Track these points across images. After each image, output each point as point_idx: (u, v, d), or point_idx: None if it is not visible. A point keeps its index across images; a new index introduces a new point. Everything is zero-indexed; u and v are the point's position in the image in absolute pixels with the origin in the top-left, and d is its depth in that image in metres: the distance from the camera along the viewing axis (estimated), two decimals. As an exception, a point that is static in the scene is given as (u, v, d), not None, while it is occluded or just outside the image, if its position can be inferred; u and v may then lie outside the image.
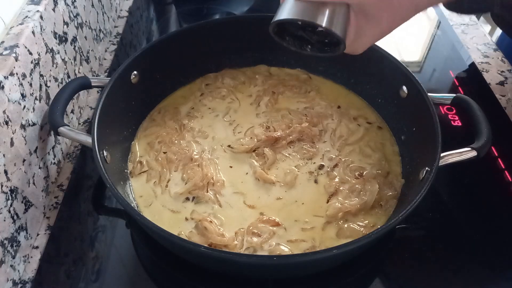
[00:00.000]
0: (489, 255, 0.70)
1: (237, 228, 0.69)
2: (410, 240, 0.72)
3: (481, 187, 0.79)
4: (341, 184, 0.75)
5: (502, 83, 0.98)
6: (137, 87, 0.82)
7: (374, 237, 0.57)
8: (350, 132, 0.84)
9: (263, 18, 0.93)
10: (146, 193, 0.75)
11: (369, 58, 0.84)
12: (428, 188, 0.60)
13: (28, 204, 0.68)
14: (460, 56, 1.06)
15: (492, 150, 0.83)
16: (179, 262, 0.67)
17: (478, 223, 0.74)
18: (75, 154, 0.84)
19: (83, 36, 0.94)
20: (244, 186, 0.76)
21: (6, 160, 0.62)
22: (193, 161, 0.78)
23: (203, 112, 0.89)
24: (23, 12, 0.74)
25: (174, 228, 0.69)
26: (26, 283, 0.66)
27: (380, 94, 0.87)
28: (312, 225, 0.70)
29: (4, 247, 0.62)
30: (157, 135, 0.84)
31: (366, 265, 0.69)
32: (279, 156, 0.80)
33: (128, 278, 0.68)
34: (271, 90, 0.93)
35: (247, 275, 0.68)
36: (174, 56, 0.88)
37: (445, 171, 0.65)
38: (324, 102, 0.90)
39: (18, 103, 0.66)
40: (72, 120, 0.86)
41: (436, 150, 0.64)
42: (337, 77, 0.94)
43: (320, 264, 0.64)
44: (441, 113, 0.91)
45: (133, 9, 1.23)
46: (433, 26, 1.18)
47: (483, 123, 0.69)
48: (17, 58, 0.67)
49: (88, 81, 0.78)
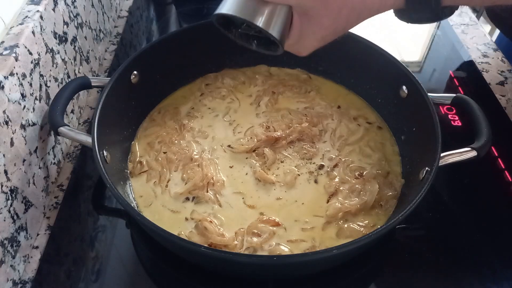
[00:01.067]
0: (489, 255, 0.69)
1: (237, 228, 0.69)
2: (410, 240, 0.71)
3: (481, 187, 0.79)
4: (341, 184, 0.75)
5: (502, 83, 0.98)
6: (137, 87, 0.82)
7: (374, 237, 0.57)
8: (350, 132, 0.84)
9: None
10: (146, 193, 0.75)
11: (369, 58, 0.84)
12: (428, 188, 0.60)
13: (28, 204, 0.68)
14: (460, 56, 1.06)
15: (492, 150, 0.83)
16: (179, 262, 0.67)
17: (478, 223, 0.74)
18: (75, 154, 0.84)
19: (83, 36, 0.94)
20: (244, 186, 0.76)
21: (6, 160, 0.62)
22: (193, 161, 0.78)
23: (203, 112, 0.89)
24: (23, 12, 0.74)
25: (174, 228, 0.69)
26: (26, 283, 0.66)
27: (380, 94, 0.87)
28: (312, 225, 0.70)
29: (4, 247, 0.62)
30: (157, 135, 0.84)
31: (366, 265, 0.69)
32: (279, 156, 0.80)
33: (128, 278, 0.68)
34: (271, 90, 0.93)
35: (247, 275, 0.68)
36: (174, 56, 0.87)
37: (445, 171, 0.65)
38: (324, 102, 0.90)
39: (18, 103, 0.66)
40: (72, 120, 0.86)
41: (436, 150, 0.64)
42: (337, 77, 0.94)
43: (320, 264, 0.64)
44: (441, 113, 0.91)
45: (133, 9, 1.23)
46: (433, 26, 1.18)
47: (483, 123, 0.69)
48: (17, 58, 0.67)
49: (88, 81, 0.78)
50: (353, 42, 0.85)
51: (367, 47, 0.83)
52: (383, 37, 1.12)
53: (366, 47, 0.84)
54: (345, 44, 0.86)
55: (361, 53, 0.85)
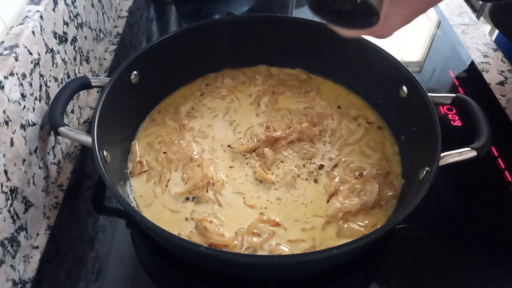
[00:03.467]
0: (489, 255, 0.70)
1: (237, 228, 0.69)
2: (410, 240, 0.71)
3: (481, 187, 0.79)
4: (341, 184, 0.75)
5: (502, 83, 0.98)
6: (137, 87, 0.82)
7: (374, 237, 0.57)
8: (350, 132, 0.84)
9: (263, 18, 0.94)
10: (146, 193, 0.75)
11: (369, 58, 0.84)
12: (428, 188, 0.60)
13: (28, 204, 0.68)
14: (460, 56, 1.06)
15: (492, 150, 0.83)
16: (179, 262, 0.67)
17: (478, 223, 0.74)
18: (75, 154, 0.84)
19: (83, 36, 0.94)
20: (244, 186, 0.76)
21: (6, 160, 0.62)
22: (193, 161, 0.78)
23: (203, 112, 0.89)
24: (23, 12, 0.74)
25: (174, 228, 0.69)
26: (26, 283, 0.66)
27: (380, 94, 0.87)
28: (312, 225, 0.70)
29: (4, 247, 0.62)
30: (157, 135, 0.84)
31: (366, 265, 0.69)
32: (279, 156, 0.80)
33: (128, 278, 0.68)
34: (271, 90, 0.93)
35: (247, 275, 0.68)
36: (174, 56, 0.88)
37: (445, 171, 0.65)
38: (324, 102, 0.90)
39: (18, 103, 0.66)
40: (72, 120, 0.86)
41: (436, 150, 0.64)
42: (337, 77, 0.94)
43: (320, 264, 0.64)
44: (441, 113, 0.91)
45: (133, 9, 1.23)
46: (433, 26, 1.18)
47: (483, 123, 0.69)
48: (17, 58, 0.67)
49: (88, 81, 0.78)
50: (353, 42, 0.85)
51: (367, 47, 0.83)
52: (383, 37, 1.12)
53: (366, 47, 0.84)
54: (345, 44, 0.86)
55: (361, 53, 0.85)
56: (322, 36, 0.86)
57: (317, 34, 0.89)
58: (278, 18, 0.93)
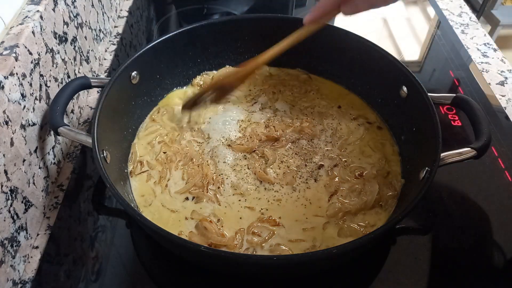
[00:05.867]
0: (489, 256, 0.69)
1: (237, 228, 0.69)
2: (410, 240, 0.71)
3: (481, 187, 0.79)
4: (341, 184, 0.75)
5: (502, 83, 0.98)
6: (137, 87, 0.82)
7: (374, 236, 0.57)
8: (350, 132, 0.84)
9: (263, 18, 0.94)
10: (146, 192, 0.75)
11: (369, 58, 0.84)
12: (428, 188, 0.60)
13: (28, 204, 0.68)
14: (460, 56, 1.06)
15: (492, 150, 0.83)
16: (179, 262, 0.67)
17: (478, 223, 0.74)
18: (75, 154, 0.84)
19: (83, 36, 0.94)
20: (244, 186, 0.76)
21: (6, 160, 0.62)
22: (193, 161, 0.78)
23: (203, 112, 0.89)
24: (23, 12, 0.74)
25: (174, 228, 0.69)
26: (26, 283, 0.66)
27: (380, 94, 0.87)
28: (312, 224, 0.70)
29: (4, 247, 0.62)
30: (157, 135, 0.84)
31: (366, 265, 0.69)
32: (279, 155, 0.80)
33: (128, 278, 0.68)
34: (271, 90, 0.93)
35: (247, 275, 0.68)
36: (174, 56, 0.87)
37: (445, 171, 0.65)
38: (324, 102, 0.90)
39: (18, 103, 0.66)
40: (72, 120, 0.86)
41: (436, 150, 0.64)
42: (337, 77, 0.94)
43: (320, 264, 0.64)
44: (441, 113, 0.91)
45: (133, 9, 1.23)
46: (433, 26, 1.18)
47: (483, 123, 0.69)
48: (17, 58, 0.67)
49: (88, 81, 0.78)
50: (353, 42, 0.85)
51: (367, 47, 0.83)
52: (383, 37, 1.12)
53: (366, 47, 0.84)
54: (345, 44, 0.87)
55: (361, 53, 0.85)
56: (322, 36, 0.86)
57: (317, 34, 0.89)
58: (278, 18, 0.93)
